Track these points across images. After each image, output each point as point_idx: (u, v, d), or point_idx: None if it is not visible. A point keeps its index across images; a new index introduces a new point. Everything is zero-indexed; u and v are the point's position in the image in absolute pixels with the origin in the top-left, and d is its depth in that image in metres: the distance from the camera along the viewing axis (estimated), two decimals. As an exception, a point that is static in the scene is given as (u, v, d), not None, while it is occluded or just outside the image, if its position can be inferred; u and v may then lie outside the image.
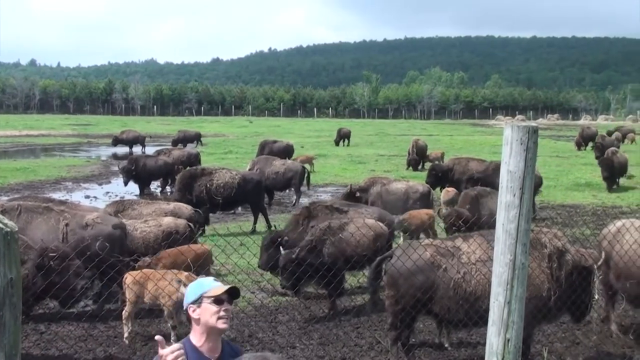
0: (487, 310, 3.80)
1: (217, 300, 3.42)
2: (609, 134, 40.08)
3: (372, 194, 14.74)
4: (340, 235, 8.46)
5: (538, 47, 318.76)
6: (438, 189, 18.38)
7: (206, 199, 14.68)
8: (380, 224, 9.03)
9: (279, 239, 9.48)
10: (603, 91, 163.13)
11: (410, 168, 28.01)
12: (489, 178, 16.73)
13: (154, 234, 9.45)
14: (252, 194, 15.09)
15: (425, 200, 14.32)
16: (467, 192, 12.10)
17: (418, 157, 28.33)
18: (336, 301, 8.50)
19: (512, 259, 3.64)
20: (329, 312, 8.40)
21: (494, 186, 15.76)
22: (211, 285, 3.48)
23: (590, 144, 39.12)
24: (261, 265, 9.68)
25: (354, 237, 8.46)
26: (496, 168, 16.89)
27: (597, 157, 26.93)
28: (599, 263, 6.47)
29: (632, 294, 7.22)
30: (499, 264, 3.67)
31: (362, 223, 8.63)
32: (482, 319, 5.82)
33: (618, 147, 38.04)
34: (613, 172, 21.55)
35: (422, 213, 12.40)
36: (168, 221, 9.77)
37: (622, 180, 22.96)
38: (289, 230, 9.93)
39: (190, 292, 3.50)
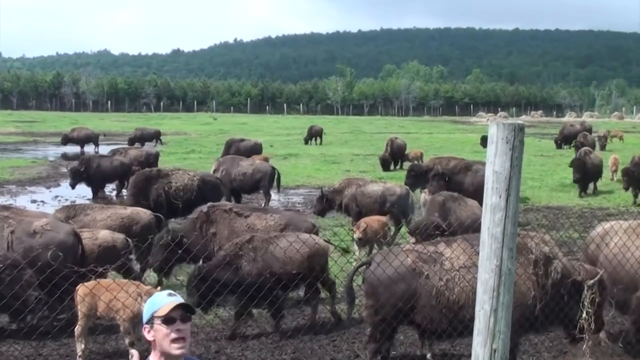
0: (472, 320, 3.85)
1: (167, 320, 3.21)
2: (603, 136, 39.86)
3: (347, 196, 14.74)
4: (266, 250, 8.08)
5: (521, 40, 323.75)
6: (418, 190, 18.55)
7: (164, 204, 14.36)
8: (316, 238, 8.61)
9: (176, 240, 9.06)
10: (588, 87, 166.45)
11: (391, 167, 28.27)
12: (464, 177, 16.91)
13: (88, 248, 8.94)
14: (212, 197, 14.83)
15: (404, 203, 14.40)
16: (434, 197, 11.90)
17: (393, 156, 28.57)
18: (280, 322, 8.25)
19: (498, 265, 3.69)
20: (275, 331, 8.18)
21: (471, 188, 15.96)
22: (163, 302, 3.26)
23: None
24: (154, 268, 9.60)
25: (284, 253, 8.05)
26: (465, 167, 17.13)
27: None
28: (595, 279, 6.38)
29: (621, 300, 7.34)
30: (485, 270, 3.72)
31: (295, 238, 8.19)
32: (466, 329, 5.88)
33: (604, 147, 39.00)
34: (586, 175, 20.83)
35: (374, 220, 12.34)
36: (104, 235, 9.35)
37: (601, 183, 22.69)
38: (184, 233, 9.71)
39: (145, 310, 3.33)
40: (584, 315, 6.35)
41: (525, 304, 6.17)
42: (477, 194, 15.47)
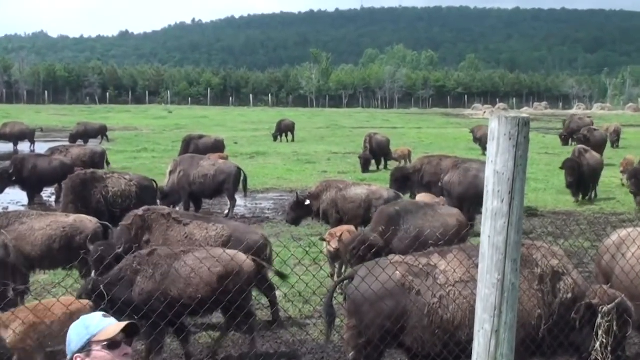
0: (470, 342, 3.87)
1: (112, 345, 3.20)
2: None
3: (325, 201, 14.67)
4: (169, 268, 7.81)
5: (522, 22, 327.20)
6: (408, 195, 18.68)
7: (105, 211, 14.21)
8: (236, 255, 8.10)
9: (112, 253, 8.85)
10: (598, 75, 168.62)
11: (375, 168, 28.39)
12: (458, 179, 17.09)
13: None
14: (150, 204, 14.59)
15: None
16: (383, 208, 11.22)
17: (373, 154, 28.67)
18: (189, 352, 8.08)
19: (500, 279, 3.72)
20: None
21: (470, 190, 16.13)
22: (100, 326, 3.25)
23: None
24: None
25: (190, 272, 7.77)
26: (455, 166, 17.31)
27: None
28: (612, 306, 6.24)
29: (639, 318, 7.37)
30: (485, 284, 3.75)
31: (206, 255, 7.88)
32: (464, 352, 5.91)
33: (616, 144, 39.53)
34: (581, 178, 20.23)
35: (344, 229, 12.31)
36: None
37: (614, 185, 22.67)
38: (119, 242, 9.70)
39: (73, 336, 3.26)
40: (597, 346, 6.22)
41: (530, 324, 6.20)
42: (476, 197, 15.66)
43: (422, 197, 15.77)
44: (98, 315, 3.35)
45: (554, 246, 6.81)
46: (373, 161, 28.97)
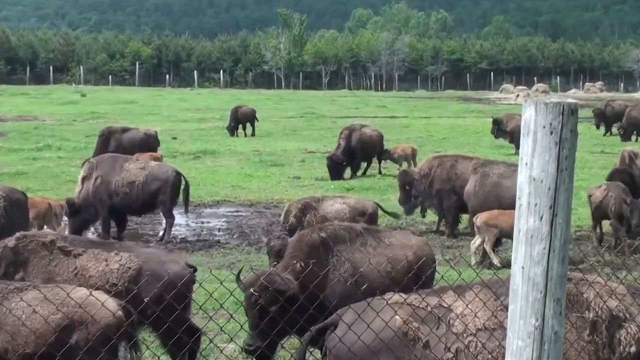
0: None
1: None
2: None
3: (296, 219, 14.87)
4: None
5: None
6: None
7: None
8: (89, 299, 7.75)
9: None
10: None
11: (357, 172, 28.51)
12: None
13: None
14: (20, 224, 14.17)
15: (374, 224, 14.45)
16: (303, 235, 10.51)
17: (352, 155, 28.34)
18: None
19: (538, 326, 3.73)
20: None
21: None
22: None
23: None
24: None
25: (18, 319, 7.61)
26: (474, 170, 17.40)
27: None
28: None
29: None
30: (517, 334, 3.77)
31: (51, 292, 7.80)
32: None
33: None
34: (635, 191, 19.76)
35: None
36: None
37: None
38: None
39: None
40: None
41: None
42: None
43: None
44: None
45: (613, 281, 6.81)
46: (374, 162, 29.16)
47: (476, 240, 15.73)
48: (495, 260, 15.43)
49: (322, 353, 7.00)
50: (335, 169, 27.66)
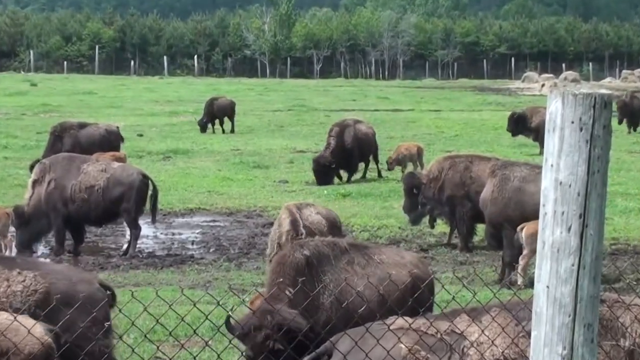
0: None
1: None
2: None
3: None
4: None
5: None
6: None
7: None
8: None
9: None
10: None
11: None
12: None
13: None
14: None
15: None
16: (285, 255, 10.44)
17: (344, 156, 28.17)
18: None
19: (566, 355, 3.73)
20: None
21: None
22: None
23: None
24: None
25: None
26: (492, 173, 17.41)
27: None
28: None
29: None
30: (542, 364, 3.77)
31: None
32: None
33: None
34: None
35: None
36: None
37: None
38: None
39: None
40: None
41: None
42: (521, 223, 15.72)
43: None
44: None
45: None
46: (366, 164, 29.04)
47: (524, 257, 15.67)
48: (520, 280, 15.43)
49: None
50: (323, 173, 27.47)
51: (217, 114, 43.35)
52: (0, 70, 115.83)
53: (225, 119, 43.37)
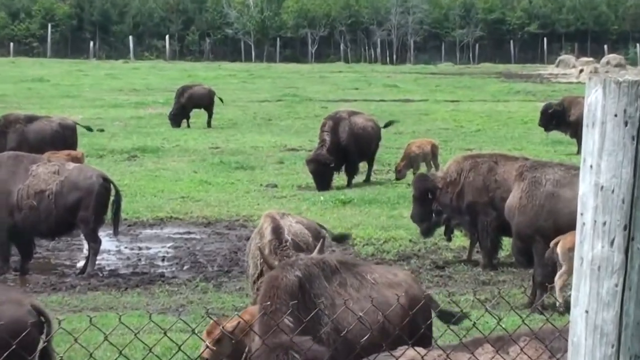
0: None
1: None
2: None
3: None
4: None
5: None
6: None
7: None
8: None
9: None
10: None
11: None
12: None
13: None
14: None
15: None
16: (274, 276, 9.54)
17: (337, 155, 28.07)
18: None
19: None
20: None
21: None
22: None
23: None
24: None
25: None
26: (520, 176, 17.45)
27: None
28: None
29: None
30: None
31: None
32: None
33: None
34: None
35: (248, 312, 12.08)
36: None
37: None
38: None
39: None
40: None
41: None
42: (555, 235, 15.72)
43: None
44: None
45: None
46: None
47: (560, 276, 15.64)
48: (560, 299, 15.43)
49: None
50: (324, 175, 27.46)
51: (192, 104, 43.31)
52: None
53: (202, 111, 43.40)
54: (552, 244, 15.28)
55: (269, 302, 9.97)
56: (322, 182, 27.26)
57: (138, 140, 37.00)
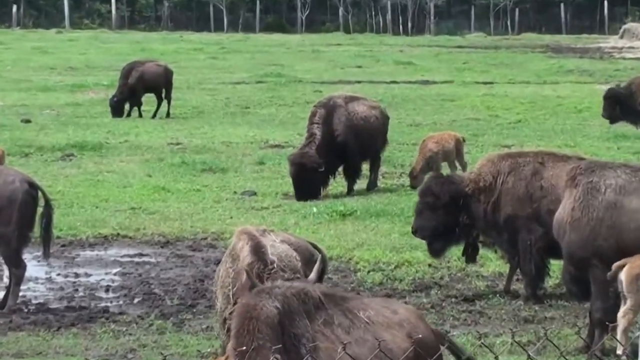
0: None
1: None
2: None
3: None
4: None
5: None
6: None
7: None
8: None
9: None
10: None
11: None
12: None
13: None
14: None
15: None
16: (254, 306, 10.16)
17: (330, 155, 27.92)
18: None
19: None
20: None
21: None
22: None
23: None
24: None
25: None
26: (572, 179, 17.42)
27: None
28: None
29: None
30: None
31: None
32: None
33: None
34: None
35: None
36: None
37: None
38: None
39: None
40: None
41: None
42: (620, 256, 15.68)
43: None
44: None
45: None
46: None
47: (626, 312, 15.53)
48: (620, 348, 15.40)
49: None
50: (309, 181, 27.46)
51: (143, 86, 43.38)
52: None
53: (156, 95, 43.43)
54: (614, 268, 15.24)
55: (247, 338, 10.05)
56: (304, 190, 27.25)
57: (75, 134, 37.15)
